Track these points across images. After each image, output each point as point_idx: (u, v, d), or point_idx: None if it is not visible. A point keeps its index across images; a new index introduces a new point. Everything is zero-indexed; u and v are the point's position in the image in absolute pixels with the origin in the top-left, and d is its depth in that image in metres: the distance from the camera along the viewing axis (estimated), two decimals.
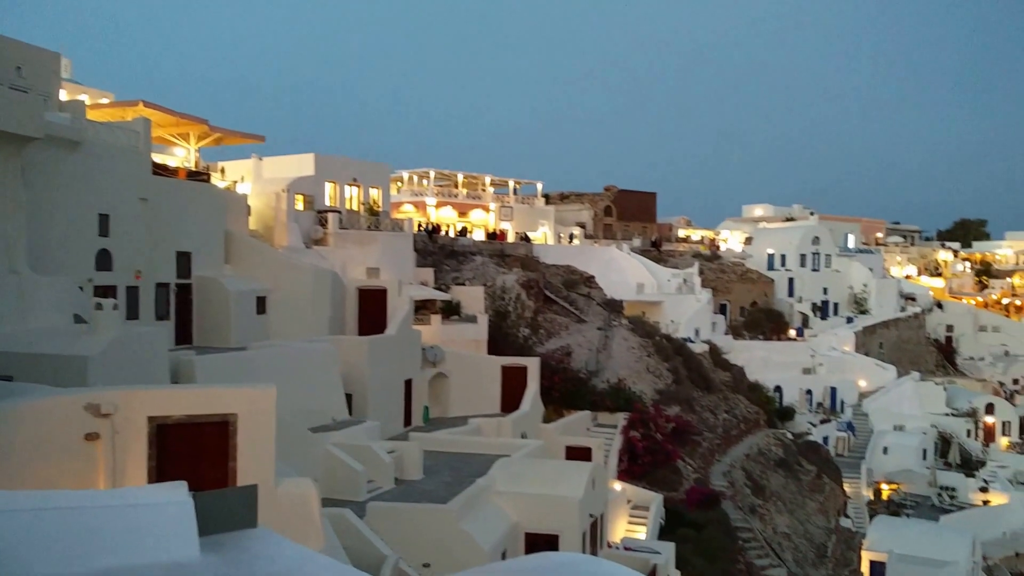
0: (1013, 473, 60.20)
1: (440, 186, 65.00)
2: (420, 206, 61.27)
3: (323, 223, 39.18)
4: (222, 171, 41.22)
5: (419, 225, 53.10)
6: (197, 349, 27.41)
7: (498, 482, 22.59)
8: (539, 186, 71.20)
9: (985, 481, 57.87)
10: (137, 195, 27.26)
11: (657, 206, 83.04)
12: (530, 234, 62.36)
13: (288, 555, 6.49)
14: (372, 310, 34.42)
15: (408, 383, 33.22)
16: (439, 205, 62.29)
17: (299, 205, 39.50)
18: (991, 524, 53.79)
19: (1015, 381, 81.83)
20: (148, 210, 27.74)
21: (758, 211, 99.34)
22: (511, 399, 35.17)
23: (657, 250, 71.87)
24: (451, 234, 56.70)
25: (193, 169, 36.78)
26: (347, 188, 42.98)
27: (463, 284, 44.32)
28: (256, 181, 40.32)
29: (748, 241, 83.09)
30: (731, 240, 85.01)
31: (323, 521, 14.34)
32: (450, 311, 39.46)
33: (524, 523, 21.99)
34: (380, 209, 43.37)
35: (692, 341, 56.49)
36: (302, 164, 41.86)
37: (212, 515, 6.73)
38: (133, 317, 26.68)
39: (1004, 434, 67.46)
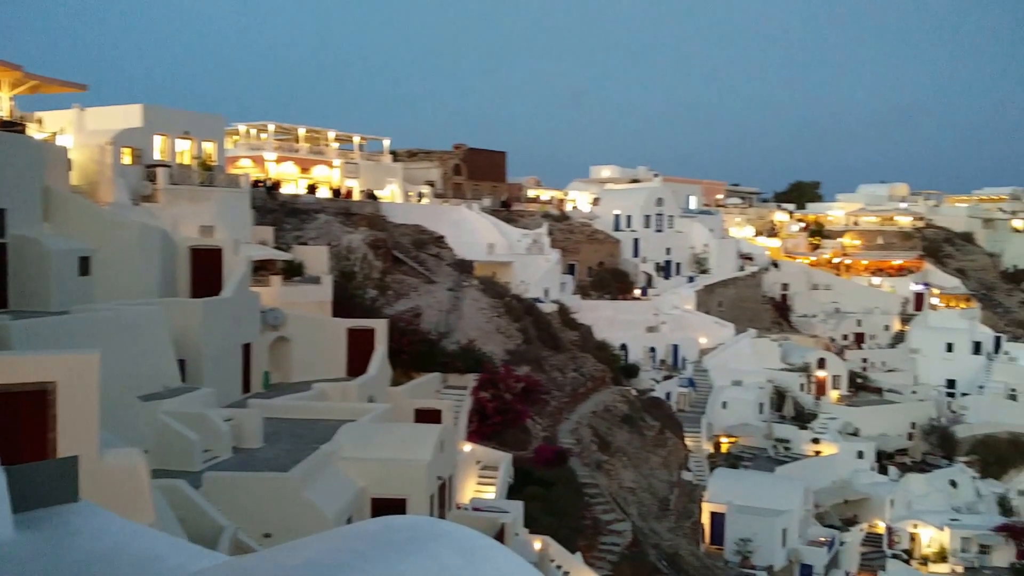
0: (842, 425, 63.94)
1: (280, 140, 62.15)
2: (258, 161, 58.33)
3: (152, 178, 36.52)
4: (39, 122, 37.75)
5: (257, 181, 50.56)
6: (13, 314, 24.94)
7: (343, 448, 22.35)
8: (386, 143, 69.24)
9: (817, 433, 61.16)
10: None
11: (507, 166, 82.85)
12: (377, 192, 60.61)
13: (113, 530, 5.97)
14: (206, 271, 32.30)
15: (246, 348, 31.63)
16: (279, 160, 59.50)
17: (126, 159, 36.74)
18: (822, 473, 57.00)
19: (845, 337, 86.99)
20: None
21: (605, 172, 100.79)
22: (358, 363, 34.05)
23: (507, 210, 71.61)
24: (293, 191, 54.42)
25: (6, 119, 33.32)
26: (178, 141, 40.25)
27: (306, 243, 42.51)
28: (78, 133, 37.32)
29: (596, 202, 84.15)
30: (579, 201, 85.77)
31: (154, 493, 13.80)
32: (292, 272, 37.70)
33: (371, 488, 21.87)
34: (215, 164, 40.86)
35: (542, 301, 56.70)
36: (129, 115, 38.91)
37: (28, 490, 6.33)
38: None
39: (835, 387, 71.51)
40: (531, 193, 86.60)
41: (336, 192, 57.48)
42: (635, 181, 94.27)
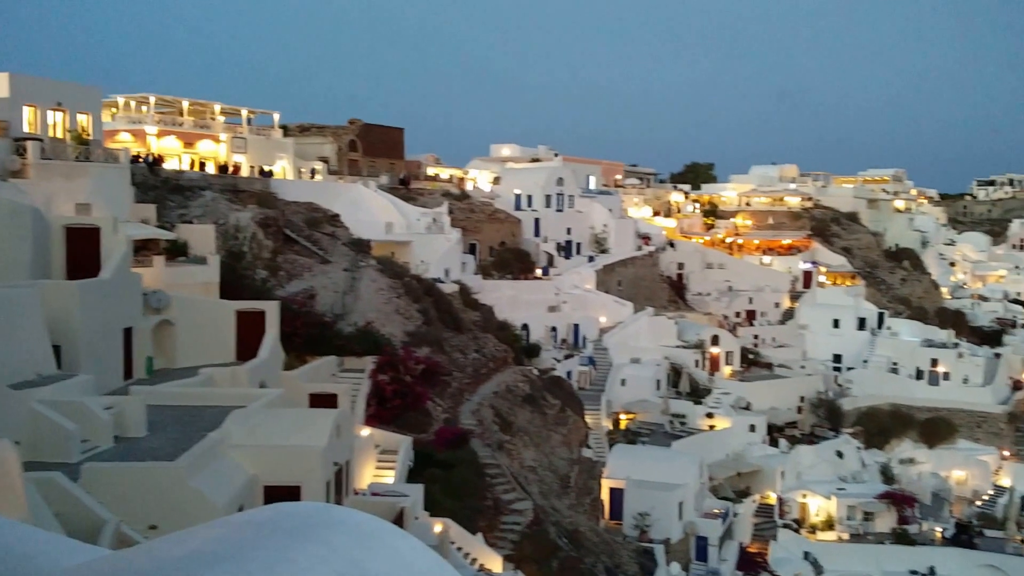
0: (735, 399, 65.48)
1: (162, 114, 59.25)
2: (139, 135, 55.49)
3: (21, 152, 34.10)
4: None
5: (138, 156, 48.09)
6: None
7: (233, 435, 21.63)
8: (276, 117, 66.86)
9: (711, 408, 62.45)
10: None
11: (405, 143, 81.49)
12: (267, 168, 58.58)
13: None
14: (82, 251, 30.38)
15: (128, 332, 29.97)
16: (161, 134, 56.73)
17: None
18: (716, 447, 58.26)
19: (737, 314, 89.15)
20: None
21: (505, 151, 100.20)
22: (248, 346, 32.64)
23: (405, 188, 70.32)
24: (177, 167, 52.04)
25: None
26: (50, 113, 37.73)
27: (191, 222, 40.54)
28: None
29: (496, 181, 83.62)
30: (480, 180, 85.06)
31: (27, 487, 12.91)
32: (176, 252, 35.84)
33: (263, 476, 21.26)
34: (91, 137, 38.50)
35: (442, 281, 56.00)
36: None
37: None
38: None
39: (728, 363, 73.16)
40: (430, 171, 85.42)
41: (223, 168, 55.23)
42: (535, 160, 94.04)
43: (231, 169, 55.89)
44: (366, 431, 31.73)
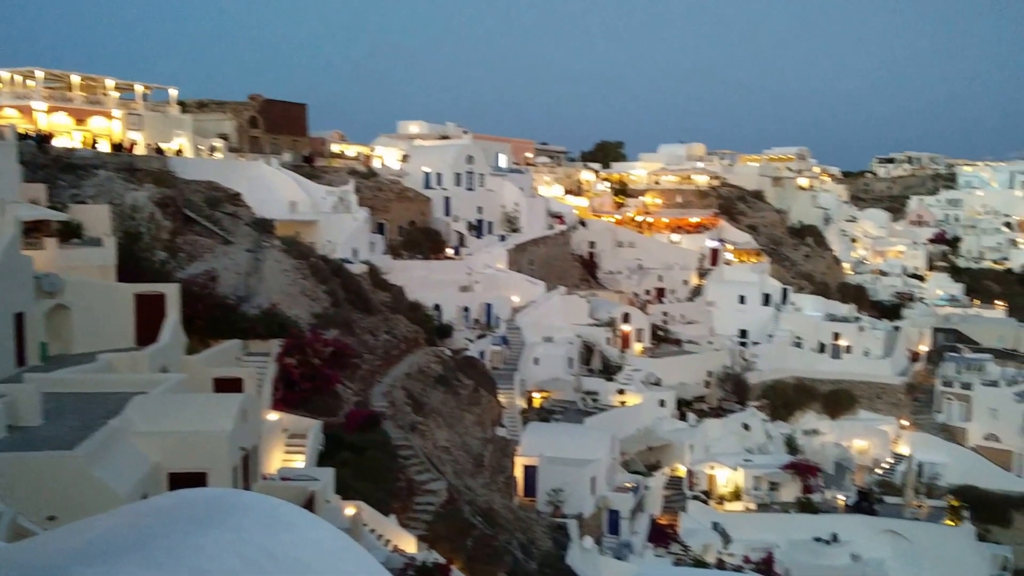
0: (645, 375, 66.42)
1: (51, 89, 56.27)
2: (26, 111, 52.64)
3: None
4: None
5: (25, 133, 45.63)
6: None
7: (135, 422, 21.24)
8: (173, 92, 64.24)
9: (622, 384, 63.17)
10: None
11: (308, 119, 79.49)
12: (164, 146, 56.34)
13: None
14: None
15: (19, 317, 28.47)
16: (50, 110, 53.93)
17: None
18: (627, 423, 58.99)
19: (647, 292, 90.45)
20: None
21: (413, 128, 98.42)
22: (148, 331, 31.41)
23: (310, 166, 68.64)
24: (68, 144, 49.56)
25: None
26: None
27: (84, 202, 38.68)
28: None
29: (405, 159, 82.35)
30: (387, 157, 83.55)
31: None
32: (69, 233, 34.16)
33: (167, 463, 20.84)
34: None
35: (350, 262, 54.99)
36: None
37: None
38: None
39: (638, 340, 74.18)
40: (335, 148, 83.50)
41: (118, 146, 52.87)
42: (444, 138, 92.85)
43: (126, 147, 53.57)
44: (274, 415, 31.05)
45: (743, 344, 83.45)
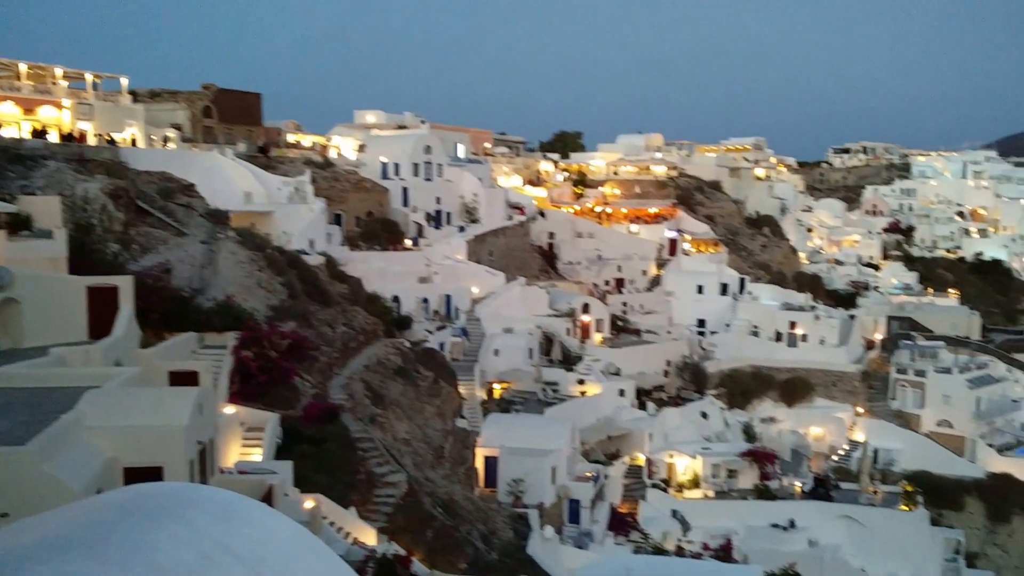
0: (605, 365, 66.76)
1: None
2: None
3: None
4: None
5: None
6: None
7: (88, 416, 20.77)
8: (124, 81, 62.94)
9: (582, 374, 63.40)
10: None
11: (263, 109, 78.45)
12: (115, 136, 55.22)
13: None
14: None
15: None
16: None
17: None
18: (587, 412, 59.24)
19: (607, 282, 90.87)
20: None
21: (370, 118, 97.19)
22: (100, 324, 30.80)
23: (265, 156, 67.74)
24: (15, 134, 48.34)
25: None
26: None
27: (33, 194, 37.80)
28: None
29: (361, 149, 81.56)
30: (343, 147, 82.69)
31: None
32: (18, 226, 33.35)
33: (122, 458, 20.41)
34: None
35: (307, 253, 54.46)
36: None
37: None
38: None
39: (598, 331, 74.52)
40: (291, 138, 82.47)
41: (68, 136, 51.73)
42: (402, 128, 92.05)
43: (76, 137, 52.42)
44: (231, 409, 30.64)
45: (701, 333, 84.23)
